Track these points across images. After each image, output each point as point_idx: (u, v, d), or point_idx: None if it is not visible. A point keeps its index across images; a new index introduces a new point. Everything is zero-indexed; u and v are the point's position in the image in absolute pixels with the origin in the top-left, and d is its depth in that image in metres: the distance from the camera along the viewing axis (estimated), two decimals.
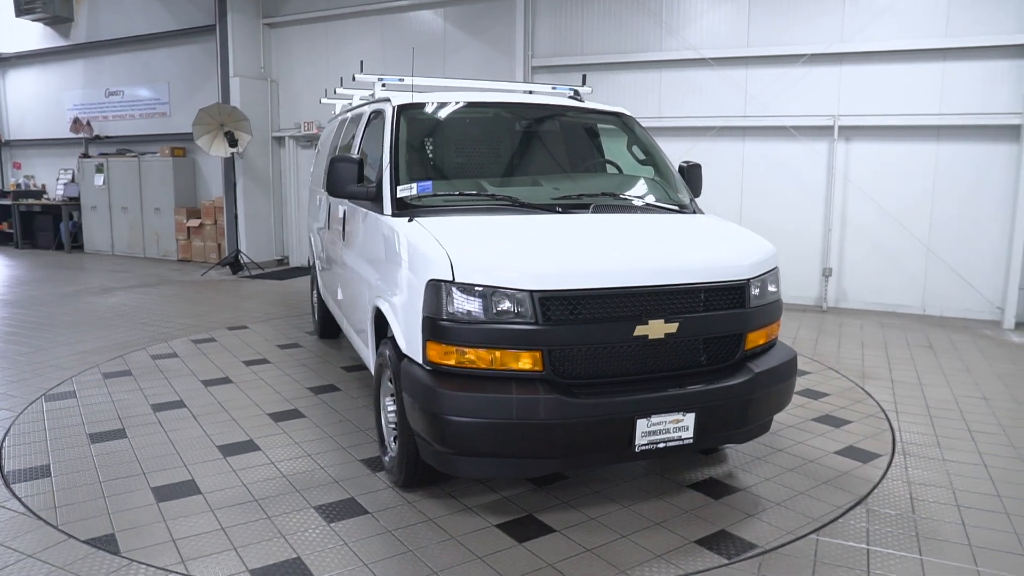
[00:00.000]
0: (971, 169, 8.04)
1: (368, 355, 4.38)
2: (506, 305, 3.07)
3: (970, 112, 7.93)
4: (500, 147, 4.52)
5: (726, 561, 3.13)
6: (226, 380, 5.69)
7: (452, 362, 3.11)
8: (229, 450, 4.27)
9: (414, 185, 3.87)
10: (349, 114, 5.89)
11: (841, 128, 8.53)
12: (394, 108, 4.27)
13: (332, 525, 3.38)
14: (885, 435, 4.64)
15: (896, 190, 8.41)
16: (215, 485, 3.79)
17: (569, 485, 3.84)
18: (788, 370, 3.64)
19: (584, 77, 5.88)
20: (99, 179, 13.52)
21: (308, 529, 3.34)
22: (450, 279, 3.09)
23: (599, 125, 4.87)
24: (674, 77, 9.49)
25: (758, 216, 8.98)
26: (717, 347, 3.43)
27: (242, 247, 11.72)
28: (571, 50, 10.01)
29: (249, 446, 4.34)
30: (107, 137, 14.11)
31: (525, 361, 3.08)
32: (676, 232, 3.78)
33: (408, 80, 5.18)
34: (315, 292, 7.22)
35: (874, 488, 3.87)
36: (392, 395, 3.81)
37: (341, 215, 5.05)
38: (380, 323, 4.08)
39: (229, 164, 11.63)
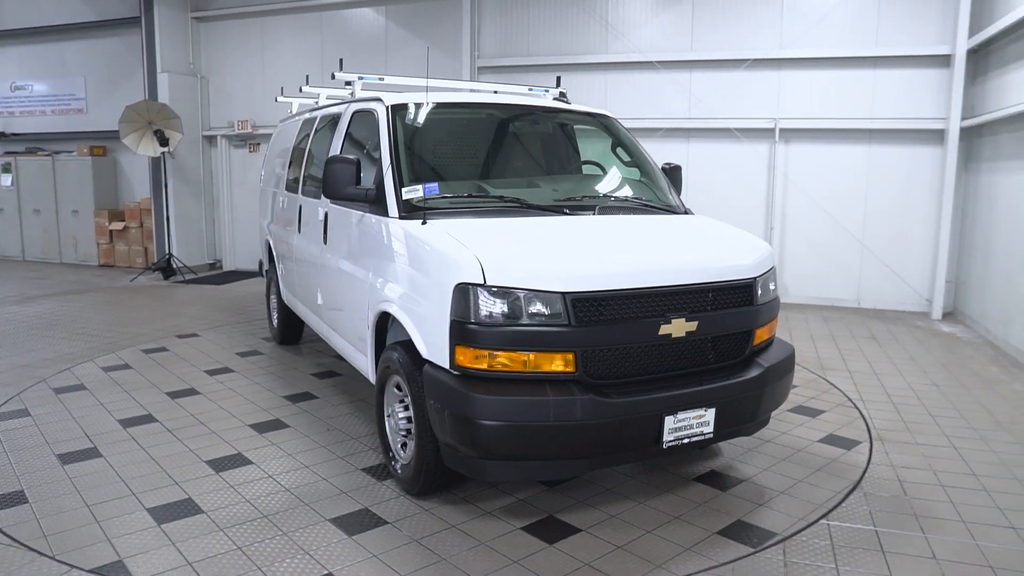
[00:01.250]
0: (900, 170, 8.60)
1: (364, 361, 4.26)
2: (538, 307, 3.06)
3: (898, 117, 8.47)
4: (496, 148, 4.50)
5: (752, 550, 3.23)
6: (192, 391, 5.41)
7: (484, 366, 3.07)
8: (219, 465, 4.06)
9: (420, 187, 3.78)
10: (318, 113, 5.70)
11: (781, 131, 8.93)
12: (387, 108, 4.17)
13: (354, 538, 3.27)
14: (858, 423, 4.90)
15: (832, 190, 8.89)
16: (216, 503, 3.60)
17: (580, 484, 3.87)
18: (790, 364, 3.80)
19: (559, 79, 5.92)
20: (6, 179, 12.55)
21: (330, 543, 3.22)
22: (480, 282, 3.05)
23: (588, 127, 4.90)
24: (620, 79, 9.69)
25: (703, 215, 9.27)
26: (729, 344, 3.53)
27: (173, 251, 11.15)
28: (517, 51, 10.06)
29: (239, 460, 4.14)
30: (13, 134, 13.09)
31: (559, 363, 3.07)
32: (682, 233, 3.87)
33: (388, 79, 5.09)
34: (273, 297, 6.96)
35: (864, 473, 4.08)
36: (401, 401, 3.73)
37: (321, 217, 4.89)
38: (380, 328, 3.99)
39: (157, 164, 11.03)
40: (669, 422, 3.21)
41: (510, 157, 4.55)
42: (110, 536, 3.26)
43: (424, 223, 3.50)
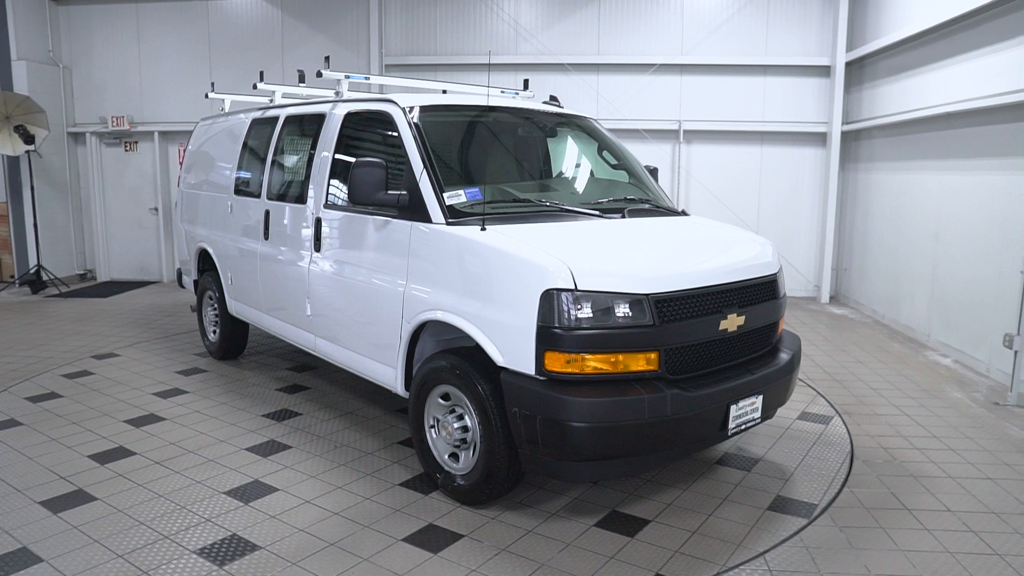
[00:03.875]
0: (789, 169, 9.53)
1: (387, 372, 4.10)
2: (624, 310, 3.15)
3: (787, 120, 9.38)
4: (510, 152, 4.50)
5: (806, 521, 3.54)
6: (154, 417, 4.91)
7: (576, 370, 3.11)
8: (243, 495, 3.76)
9: (462, 192, 3.74)
10: (280, 112, 5.36)
11: (685, 132, 9.57)
12: (406, 110, 4.05)
13: (441, 555, 3.19)
14: (820, 400, 5.44)
15: (730, 187, 9.66)
16: (268, 536, 3.35)
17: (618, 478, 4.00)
18: (801, 352, 4.17)
19: (526, 81, 5.98)
20: None
21: (422, 564, 3.12)
22: (571, 288, 3.10)
23: (586, 130, 4.99)
24: (531, 80, 9.84)
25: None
26: (763, 335, 3.82)
27: (40, 261, 9.89)
28: (425, 49, 9.96)
29: (263, 488, 3.86)
30: None
31: (644, 362, 3.19)
32: (710, 233, 4.12)
33: (373, 79, 4.91)
34: (211, 309, 6.45)
35: (853, 445, 4.56)
36: (452, 411, 3.66)
37: (311, 223, 4.63)
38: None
39: (15, 165, 9.75)
40: (733, 410, 3.44)
41: (524, 160, 4.57)
42: None
43: (483, 229, 3.46)
